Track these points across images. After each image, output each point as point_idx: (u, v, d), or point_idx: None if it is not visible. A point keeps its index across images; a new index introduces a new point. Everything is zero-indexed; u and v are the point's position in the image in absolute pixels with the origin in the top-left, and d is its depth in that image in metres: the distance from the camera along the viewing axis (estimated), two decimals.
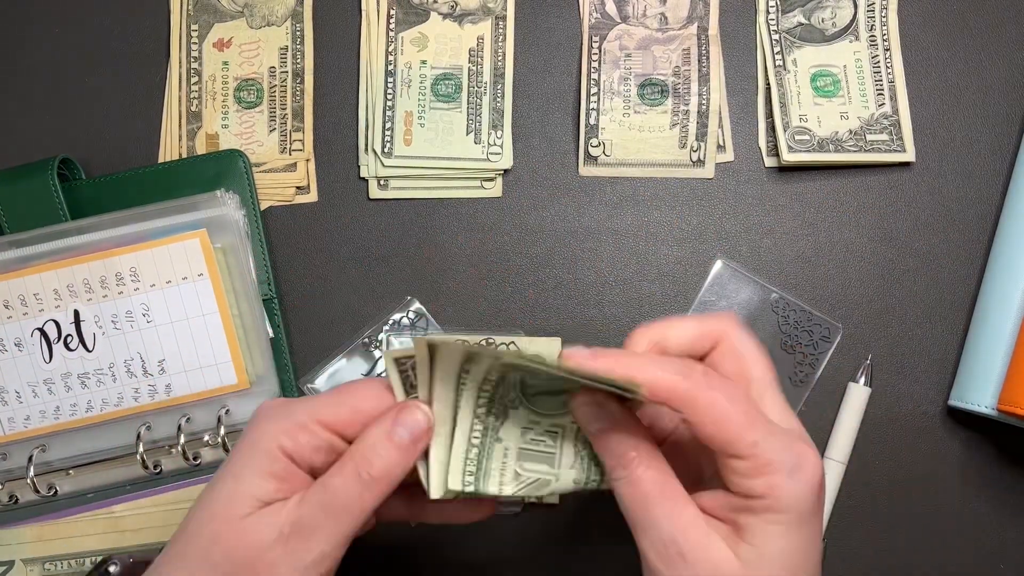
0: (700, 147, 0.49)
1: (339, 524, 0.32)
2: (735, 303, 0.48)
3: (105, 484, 0.45)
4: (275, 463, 0.32)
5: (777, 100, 0.49)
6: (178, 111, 0.49)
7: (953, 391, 0.47)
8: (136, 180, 0.47)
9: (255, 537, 0.31)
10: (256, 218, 0.47)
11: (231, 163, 0.47)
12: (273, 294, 0.47)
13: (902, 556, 0.47)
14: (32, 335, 0.45)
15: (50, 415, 0.45)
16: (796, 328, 0.48)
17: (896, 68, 0.49)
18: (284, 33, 0.50)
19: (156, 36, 0.50)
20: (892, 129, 0.49)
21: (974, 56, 0.50)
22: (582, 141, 0.49)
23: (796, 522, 0.31)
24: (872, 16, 0.50)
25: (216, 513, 0.32)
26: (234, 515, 0.32)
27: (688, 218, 0.49)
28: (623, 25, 0.50)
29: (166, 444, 0.45)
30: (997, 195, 0.49)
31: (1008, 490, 0.47)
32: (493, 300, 0.49)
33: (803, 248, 0.49)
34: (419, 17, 0.49)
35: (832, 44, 0.50)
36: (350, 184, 0.49)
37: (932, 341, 0.48)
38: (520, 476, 0.34)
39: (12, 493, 0.45)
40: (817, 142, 0.48)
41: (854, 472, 0.47)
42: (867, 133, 0.48)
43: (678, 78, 0.49)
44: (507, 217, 0.49)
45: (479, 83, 0.49)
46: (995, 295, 0.46)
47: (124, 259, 0.44)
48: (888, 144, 0.48)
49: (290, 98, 0.49)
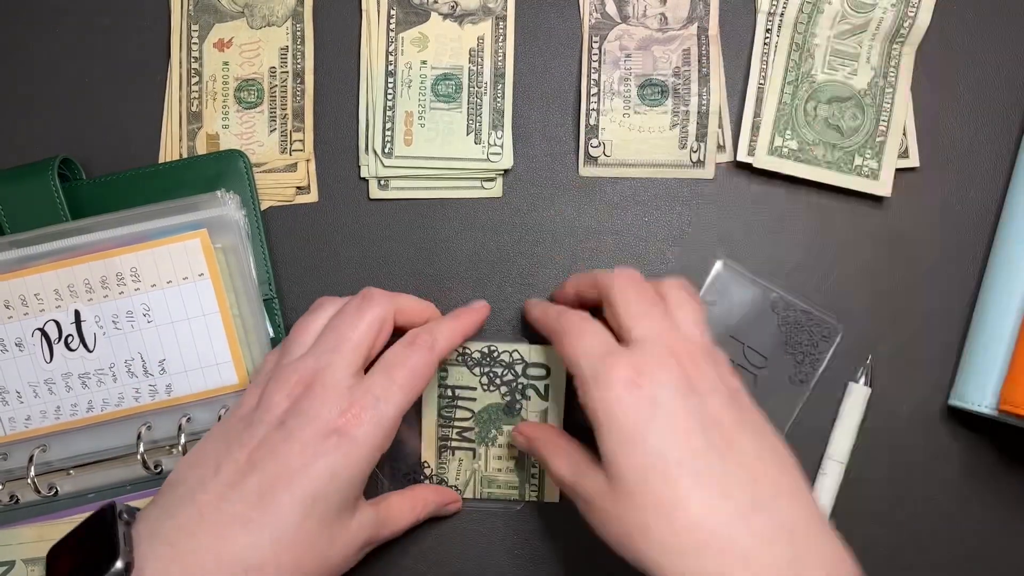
0: (700, 147, 0.49)
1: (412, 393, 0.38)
2: (735, 303, 0.48)
3: (106, 484, 0.45)
4: (372, 471, 0.37)
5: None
6: (178, 111, 0.49)
7: (953, 391, 0.47)
8: (136, 180, 0.47)
9: (334, 561, 0.37)
10: (256, 218, 0.47)
11: (231, 163, 0.47)
12: (273, 294, 0.47)
13: (902, 556, 0.47)
14: (33, 335, 0.45)
15: (51, 415, 0.45)
16: (796, 328, 0.48)
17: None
18: (284, 33, 0.50)
19: (156, 36, 0.50)
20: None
21: (975, 57, 0.50)
22: (582, 141, 0.49)
23: (626, 437, 0.34)
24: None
25: (288, 543, 0.34)
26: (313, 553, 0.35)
27: (688, 218, 0.49)
28: (623, 25, 0.50)
29: (166, 444, 0.45)
30: (997, 195, 0.49)
31: (1008, 490, 0.47)
32: (493, 300, 0.49)
33: (803, 248, 0.49)
34: (419, 17, 0.49)
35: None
36: (350, 184, 0.49)
37: (932, 341, 0.48)
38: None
39: (12, 493, 0.45)
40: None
41: (854, 472, 0.47)
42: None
43: (678, 78, 0.49)
44: (507, 217, 0.49)
45: (479, 83, 0.49)
46: (995, 295, 0.46)
47: (124, 259, 0.44)
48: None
49: (290, 98, 0.49)
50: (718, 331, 0.48)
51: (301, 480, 0.34)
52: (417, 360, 0.37)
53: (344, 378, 0.36)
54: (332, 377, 0.36)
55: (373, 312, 0.38)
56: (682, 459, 0.33)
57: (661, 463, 0.33)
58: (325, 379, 0.36)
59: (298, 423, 0.35)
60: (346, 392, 0.36)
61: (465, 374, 0.46)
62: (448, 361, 0.46)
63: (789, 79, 0.49)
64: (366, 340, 0.38)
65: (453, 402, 0.46)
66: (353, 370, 0.37)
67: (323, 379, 0.36)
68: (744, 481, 0.33)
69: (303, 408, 0.35)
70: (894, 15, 0.49)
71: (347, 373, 0.36)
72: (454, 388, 0.46)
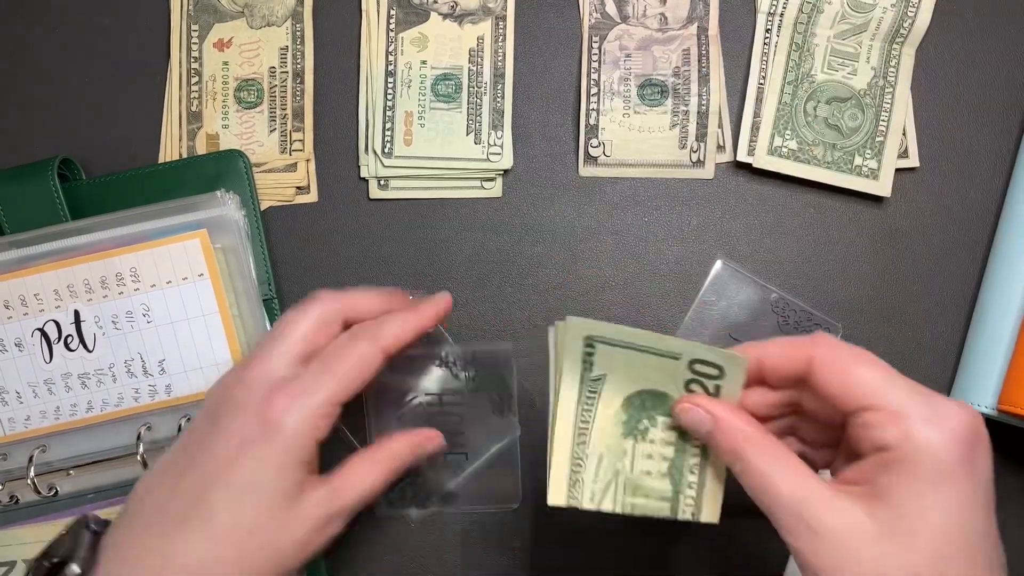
0: (700, 147, 0.49)
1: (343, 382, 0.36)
2: (735, 303, 0.48)
3: (105, 484, 0.45)
4: (310, 454, 0.35)
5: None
6: (178, 111, 0.49)
7: (953, 391, 0.47)
8: (136, 180, 0.47)
9: (289, 536, 0.35)
10: (256, 218, 0.47)
11: (231, 163, 0.47)
12: (273, 294, 0.47)
13: None
14: (32, 335, 0.45)
15: (50, 415, 0.45)
16: (796, 328, 0.48)
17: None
18: (284, 33, 0.50)
19: (156, 36, 0.50)
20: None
21: (975, 57, 0.50)
22: (582, 141, 0.49)
23: (938, 477, 0.28)
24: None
25: (245, 513, 0.34)
26: (267, 520, 0.34)
27: (688, 218, 0.49)
28: (623, 25, 0.50)
29: (166, 444, 0.45)
30: (997, 195, 0.49)
31: (1008, 490, 0.47)
32: (493, 300, 0.49)
33: (803, 248, 0.49)
34: (419, 17, 0.49)
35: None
36: (350, 184, 0.49)
37: (932, 341, 0.48)
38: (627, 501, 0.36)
39: (12, 493, 0.45)
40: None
41: None
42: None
43: (678, 78, 0.49)
44: (507, 217, 0.49)
45: (479, 83, 0.49)
46: (995, 295, 0.46)
47: (124, 259, 0.44)
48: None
49: (290, 98, 0.49)
50: (718, 331, 0.48)
51: (229, 473, 0.34)
52: (355, 351, 0.37)
53: (277, 368, 0.36)
54: (263, 368, 0.36)
55: (314, 309, 0.38)
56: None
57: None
58: (255, 371, 0.36)
59: (227, 415, 0.35)
60: (277, 382, 0.36)
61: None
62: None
63: (789, 79, 0.49)
64: (302, 334, 0.37)
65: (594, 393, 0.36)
66: (286, 361, 0.36)
67: (253, 371, 0.36)
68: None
69: (233, 398, 0.36)
70: (894, 15, 0.49)
71: (280, 364, 0.36)
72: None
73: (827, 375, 0.32)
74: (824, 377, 0.32)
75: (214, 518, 0.33)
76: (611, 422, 0.35)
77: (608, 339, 0.34)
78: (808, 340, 0.33)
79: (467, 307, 0.49)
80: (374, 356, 0.37)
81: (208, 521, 0.33)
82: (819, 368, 0.32)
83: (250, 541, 0.34)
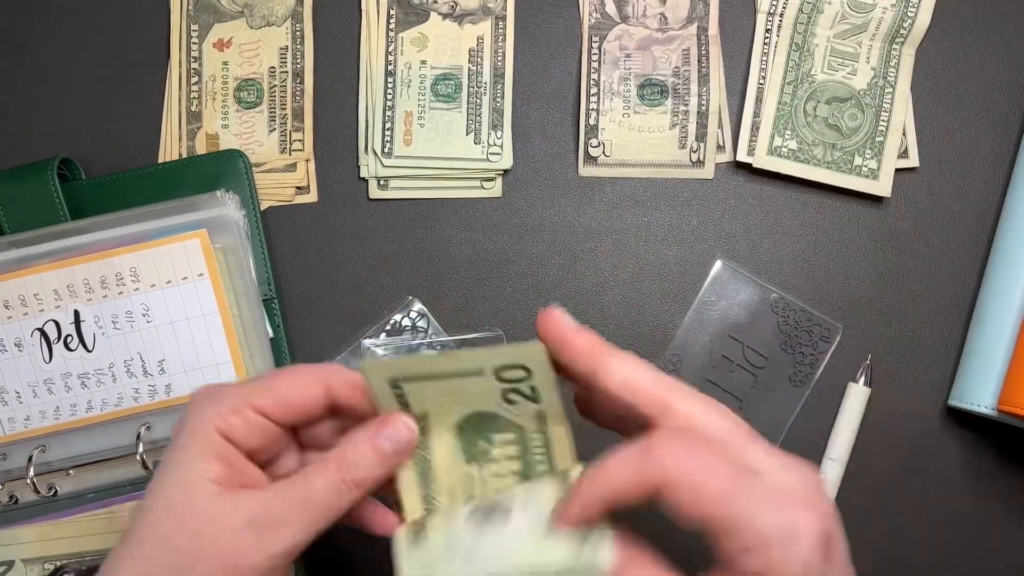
0: (700, 147, 0.49)
1: (314, 521, 0.32)
2: (735, 303, 0.48)
3: (105, 484, 0.45)
4: (216, 446, 0.32)
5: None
6: (178, 111, 0.49)
7: (953, 391, 0.47)
8: (136, 180, 0.47)
9: (224, 521, 0.31)
10: (256, 218, 0.47)
11: (231, 163, 0.47)
12: (273, 294, 0.47)
13: (902, 556, 0.47)
14: (32, 335, 0.45)
15: (50, 415, 0.45)
16: (796, 328, 0.48)
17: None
18: (284, 33, 0.50)
19: (156, 36, 0.50)
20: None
21: (975, 57, 0.50)
22: (582, 141, 0.49)
23: None
24: None
25: (175, 501, 0.32)
26: (197, 499, 0.31)
27: (688, 218, 0.49)
28: (623, 25, 0.50)
29: (166, 444, 0.45)
30: (997, 195, 0.49)
31: (1008, 490, 0.47)
32: (493, 300, 0.49)
33: (803, 248, 0.49)
34: (419, 17, 0.49)
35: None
36: (350, 184, 0.49)
37: (932, 341, 0.48)
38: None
39: (12, 493, 0.45)
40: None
41: (854, 472, 0.47)
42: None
43: (678, 78, 0.49)
44: (507, 217, 0.49)
45: (479, 83, 0.49)
46: (995, 295, 0.46)
47: (124, 259, 0.44)
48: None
49: (290, 98, 0.49)
50: (718, 331, 0.48)
51: (160, 474, 0.33)
52: (301, 372, 0.35)
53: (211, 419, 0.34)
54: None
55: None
56: None
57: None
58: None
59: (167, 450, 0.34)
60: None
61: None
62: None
63: (789, 79, 0.49)
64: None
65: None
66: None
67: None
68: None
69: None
70: (894, 15, 0.49)
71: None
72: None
73: (678, 498, 0.29)
74: (675, 500, 0.29)
75: (147, 519, 0.32)
76: (450, 455, 0.34)
77: (410, 376, 0.32)
78: (652, 456, 0.29)
79: (467, 307, 0.49)
80: (315, 385, 0.34)
81: (140, 558, 0.32)
82: (669, 492, 0.29)
83: (182, 531, 0.32)
